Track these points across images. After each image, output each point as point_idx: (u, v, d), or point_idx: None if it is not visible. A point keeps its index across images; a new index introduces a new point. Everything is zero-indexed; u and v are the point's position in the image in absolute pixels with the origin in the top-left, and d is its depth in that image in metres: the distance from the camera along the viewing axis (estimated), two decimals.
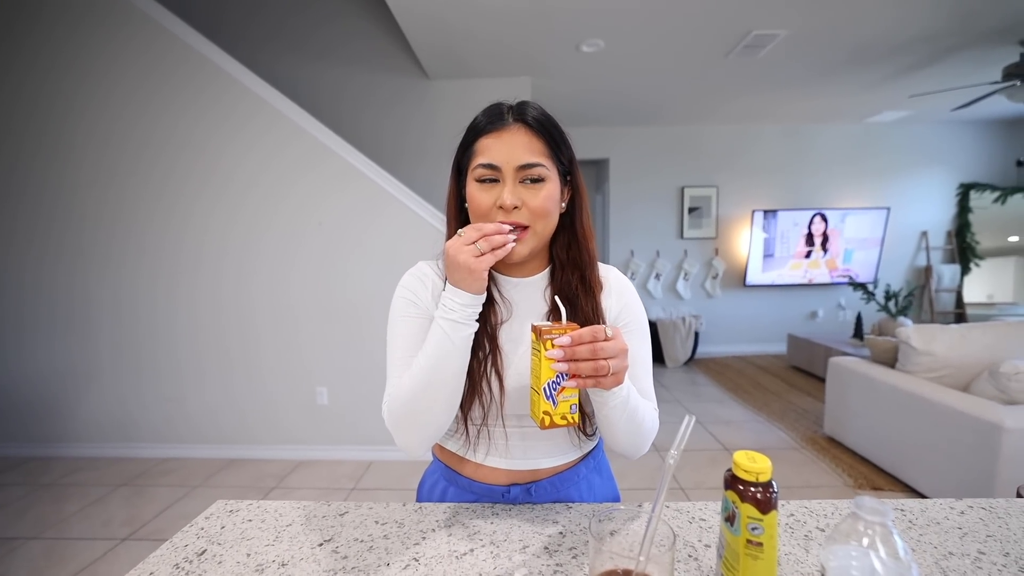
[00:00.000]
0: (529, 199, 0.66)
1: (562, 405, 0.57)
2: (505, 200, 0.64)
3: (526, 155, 0.65)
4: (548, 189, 0.67)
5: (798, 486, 2.37)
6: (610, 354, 0.55)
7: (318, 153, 2.58)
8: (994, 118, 4.90)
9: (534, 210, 0.66)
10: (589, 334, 0.55)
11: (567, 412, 0.57)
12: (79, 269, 2.72)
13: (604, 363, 0.54)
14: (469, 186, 0.68)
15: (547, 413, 0.57)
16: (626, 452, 0.71)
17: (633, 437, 0.68)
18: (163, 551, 0.66)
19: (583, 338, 0.54)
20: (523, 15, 2.68)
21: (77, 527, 2.11)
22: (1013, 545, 0.64)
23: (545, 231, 0.69)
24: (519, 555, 0.63)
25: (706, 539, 0.65)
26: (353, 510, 0.75)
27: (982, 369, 2.25)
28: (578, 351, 0.54)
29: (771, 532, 0.47)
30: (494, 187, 0.66)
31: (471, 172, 0.68)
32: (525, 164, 0.65)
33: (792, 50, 3.18)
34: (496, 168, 0.65)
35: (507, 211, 0.65)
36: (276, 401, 2.73)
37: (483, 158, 0.66)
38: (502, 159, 0.65)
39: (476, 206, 0.67)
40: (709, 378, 4.34)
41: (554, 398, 0.56)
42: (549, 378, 0.56)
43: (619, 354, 0.56)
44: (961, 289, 5.19)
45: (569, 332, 0.55)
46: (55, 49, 2.58)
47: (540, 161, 0.66)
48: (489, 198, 0.66)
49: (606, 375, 0.55)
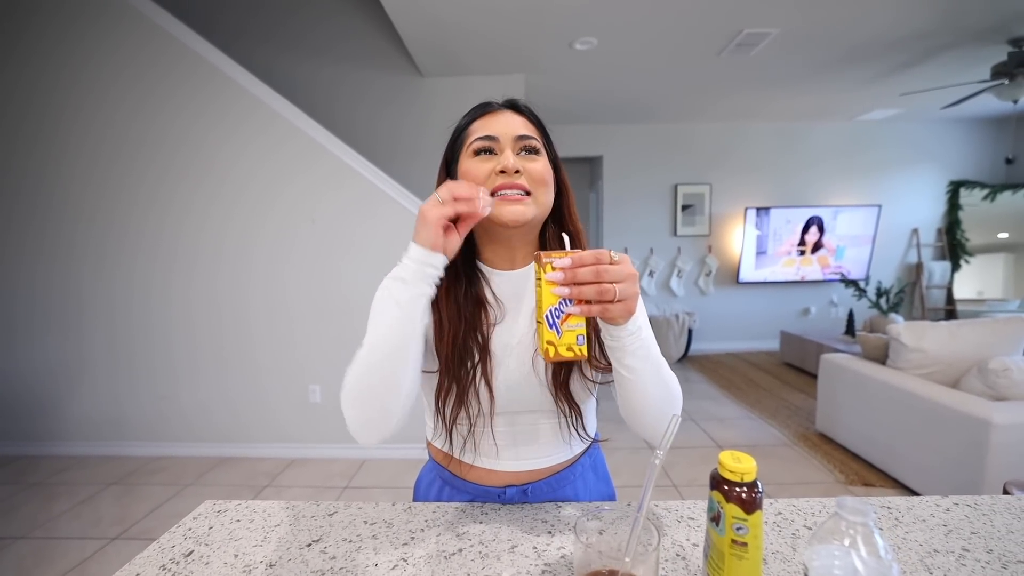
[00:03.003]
0: (528, 166, 0.66)
1: (567, 335, 0.53)
2: (508, 162, 0.63)
3: (522, 128, 0.67)
4: (543, 161, 0.67)
5: (790, 483, 2.39)
6: (616, 278, 0.51)
7: (313, 152, 2.57)
8: (983, 116, 4.94)
9: (534, 176, 0.66)
10: (592, 256, 0.52)
11: (572, 343, 0.53)
12: (73, 267, 2.70)
13: (609, 286, 0.51)
14: (464, 163, 0.67)
15: (551, 343, 0.53)
16: (655, 422, 0.62)
17: (663, 397, 0.62)
18: (150, 552, 0.65)
19: (584, 260, 0.52)
20: (516, 12, 2.67)
21: (66, 526, 2.10)
22: (997, 542, 0.65)
23: (546, 201, 0.67)
24: (507, 555, 0.62)
25: (694, 538, 0.66)
26: (342, 510, 0.75)
27: (971, 366, 2.27)
28: (580, 273, 0.51)
29: (756, 532, 0.47)
30: (491, 158, 0.65)
31: (466, 151, 0.67)
32: (523, 135, 0.66)
33: (784, 48, 3.19)
34: (494, 139, 0.65)
35: (509, 174, 0.64)
36: (269, 399, 2.72)
37: (479, 133, 0.66)
38: (499, 131, 0.66)
39: (472, 175, 0.65)
40: (702, 375, 4.37)
41: (558, 327, 0.52)
42: (551, 304, 0.52)
43: (626, 279, 0.52)
44: (951, 286, 5.24)
45: (570, 255, 0.53)
46: (49, 47, 2.56)
47: (534, 135, 0.68)
48: (487, 167, 0.65)
49: (612, 300, 0.51)
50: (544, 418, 0.72)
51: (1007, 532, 0.67)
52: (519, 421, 0.71)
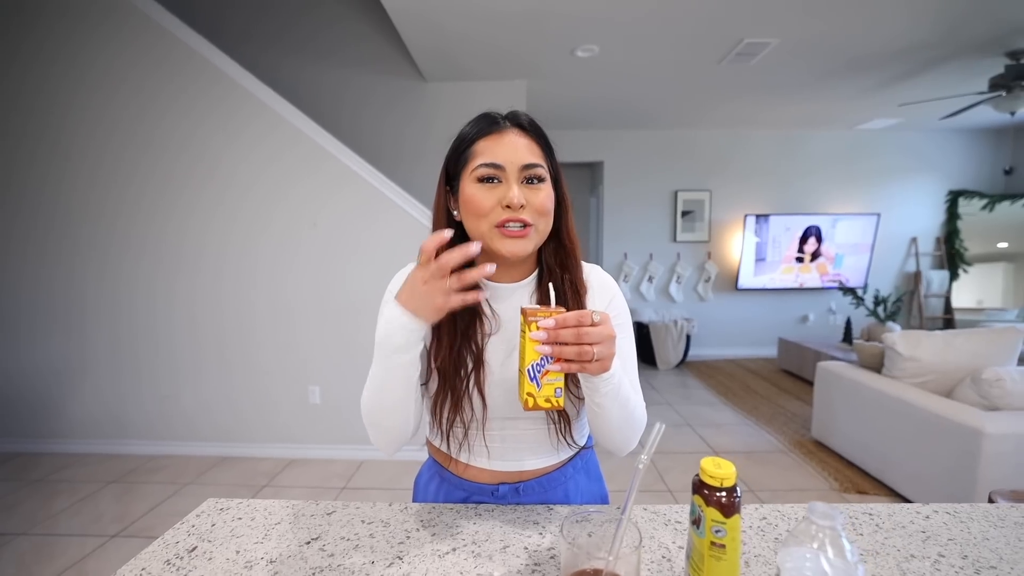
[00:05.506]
0: (532, 198, 0.66)
1: (546, 388, 0.57)
2: (514, 198, 0.64)
3: (528, 155, 0.67)
4: (547, 189, 0.68)
5: (784, 490, 2.40)
6: (595, 340, 0.55)
7: (316, 156, 2.59)
8: (983, 126, 4.97)
9: (538, 208, 0.67)
10: (574, 318, 0.55)
11: (551, 395, 0.58)
12: (77, 268, 2.72)
13: (588, 348, 0.54)
14: (467, 188, 0.67)
15: (531, 395, 0.57)
16: (617, 446, 0.71)
17: (625, 430, 0.68)
18: (155, 547, 0.68)
19: (567, 322, 0.55)
20: (517, 20, 2.70)
21: (67, 523, 2.12)
22: (972, 548, 0.67)
23: (546, 230, 0.70)
24: (499, 555, 0.65)
25: (680, 541, 0.68)
26: (340, 509, 0.77)
27: (965, 375, 2.28)
28: (562, 334, 0.54)
29: (734, 535, 0.49)
30: (496, 187, 0.66)
31: (470, 174, 0.67)
32: (528, 164, 0.67)
33: (784, 58, 3.22)
34: (500, 167, 0.66)
35: (515, 209, 0.65)
36: (270, 399, 2.74)
37: (485, 158, 0.66)
38: (506, 159, 0.66)
39: (477, 205, 0.66)
40: (700, 381, 4.38)
41: (538, 380, 0.57)
42: (533, 360, 0.56)
43: (605, 340, 0.56)
44: (950, 295, 5.26)
45: (554, 315, 0.55)
46: (55, 49, 2.59)
47: (540, 162, 0.68)
48: (492, 197, 0.65)
49: (590, 361, 0.55)
50: (534, 425, 0.75)
51: (983, 539, 0.69)
52: (510, 427, 0.74)
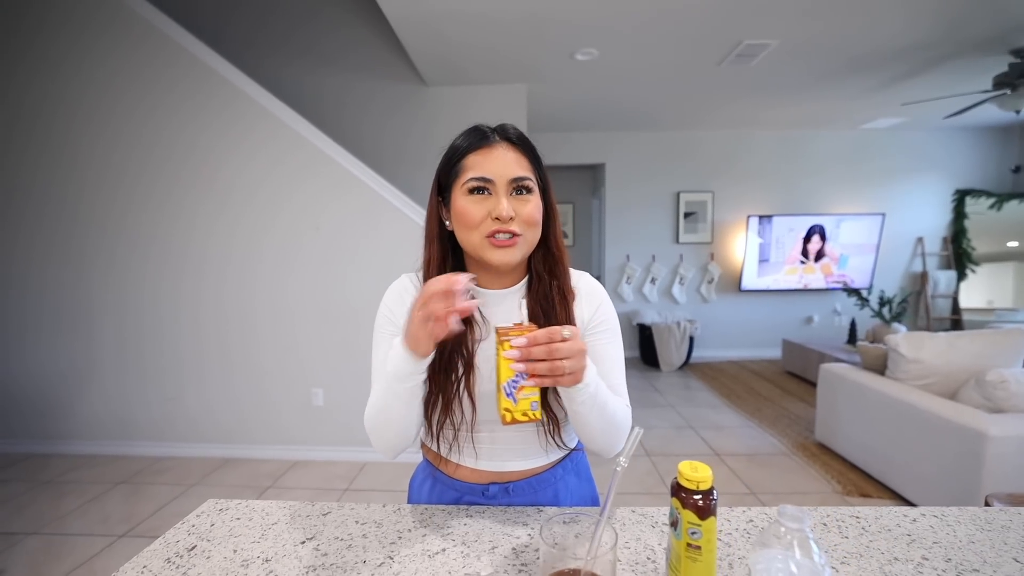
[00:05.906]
0: (520, 209, 0.69)
1: (522, 402, 0.60)
2: (503, 211, 0.67)
3: (517, 169, 0.70)
4: (535, 200, 0.71)
5: (787, 492, 2.39)
6: (566, 355, 0.57)
7: (318, 161, 2.63)
8: (989, 125, 4.93)
9: (526, 219, 0.70)
10: (545, 335, 0.57)
11: (527, 409, 0.60)
12: (84, 271, 2.77)
13: (560, 363, 0.57)
14: (459, 200, 0.70)
15: (508, 410, 0.60)
16: (601, 448, 0.73)
17: (606, 433, 0.70)
18: (156, 546, 0.70)
19: (538, 339, 0.57)
20: (517, 25, 2.72)
21: (76, 523, 2.16)
22: (956, 551, 0.67)
23: (534, 239, 0.72)
24: (488, 555, 0.66)
25: (665, 542, 0.69)
26: (335, 510, 0.79)
27: (969, 377, 2.27)
28: (534, 352, 0.57)
29: (709, 536, 0.50)
30: (486, 199, 0.69)
31: (461, 186, 0.70)
32: (517, 177, 0.70)
33: (784, 59, 3.22)
34: (489, 181, 0.69)
35: (504, 221, 0.68)
36: (273, 401, 2.77)
37: (475, 172, 0.69)
38: (495, 172, 0.69)
39: (468, 217, 0.69)
40: (703, 383, 4.37)
41: (514, 396, 0.59)
42: (508, 377, 0.59)
43: (576, 354, 0.58)
44: (957, 295, 5.21)
45: (526, 334, 0.58)
46: (60, 55, 2.64)
47: (528, 174, 0.71)
48: (482, 209, 0.68)
49: (563, 375, 0.58)
50: (523, 427, 0.76)
51: (968, 542, 0.69)
52: (500, 429, 0.76)
